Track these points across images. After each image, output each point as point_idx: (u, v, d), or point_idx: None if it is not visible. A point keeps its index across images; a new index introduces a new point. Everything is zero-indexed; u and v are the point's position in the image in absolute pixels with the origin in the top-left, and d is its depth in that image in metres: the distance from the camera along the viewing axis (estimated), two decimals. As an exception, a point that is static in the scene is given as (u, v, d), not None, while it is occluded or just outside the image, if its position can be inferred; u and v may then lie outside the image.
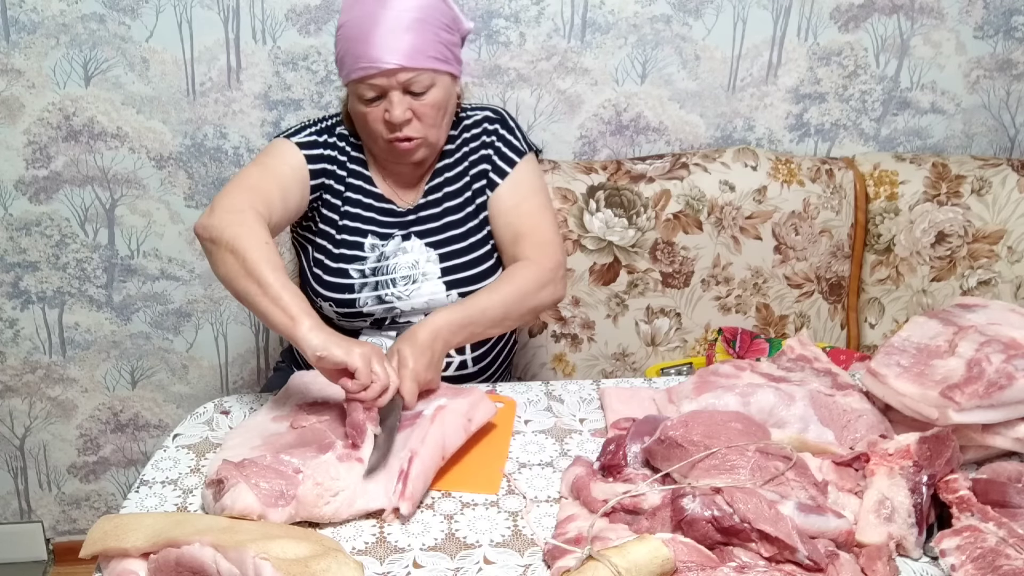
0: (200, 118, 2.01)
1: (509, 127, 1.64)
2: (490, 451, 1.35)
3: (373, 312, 1.59)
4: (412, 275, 1.58)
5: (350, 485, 1.20)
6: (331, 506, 1.18)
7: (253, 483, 1.17)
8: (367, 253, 1.59)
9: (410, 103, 1.48)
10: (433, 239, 1.60)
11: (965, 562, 1.08)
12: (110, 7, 1.90)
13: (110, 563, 1.08)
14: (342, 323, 1.62)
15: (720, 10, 2.02)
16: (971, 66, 2.12)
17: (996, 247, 2.08)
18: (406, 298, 1.58)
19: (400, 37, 1.43)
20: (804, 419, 1.28)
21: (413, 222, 1.61)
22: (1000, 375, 1.22)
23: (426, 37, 1.45)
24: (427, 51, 1.46)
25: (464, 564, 1.13)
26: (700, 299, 2.07)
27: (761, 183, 2.02)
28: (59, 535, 2.39)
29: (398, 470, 1.22)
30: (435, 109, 1.50)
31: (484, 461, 1.32)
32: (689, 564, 1.05)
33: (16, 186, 2.03)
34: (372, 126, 1.51)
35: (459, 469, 1.30)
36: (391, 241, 1.59)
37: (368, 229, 1.59)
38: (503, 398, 1.47)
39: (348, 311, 1.59)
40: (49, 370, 2.20)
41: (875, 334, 2.14)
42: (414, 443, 1.24)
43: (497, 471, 1.30)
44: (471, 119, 1.64)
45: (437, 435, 1.27)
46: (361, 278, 1.57)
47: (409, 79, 1.46)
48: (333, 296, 1.58)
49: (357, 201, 1.60)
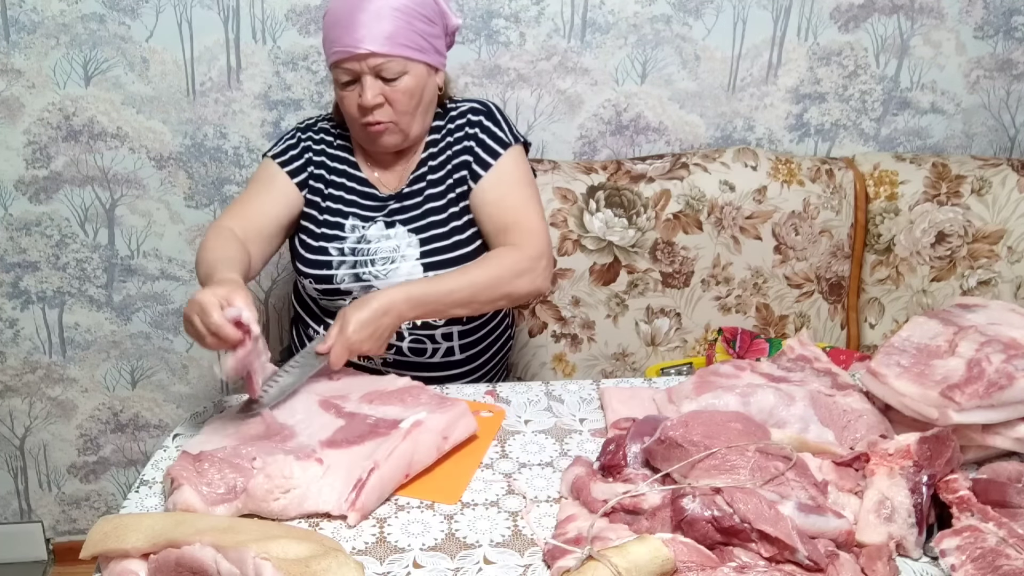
0: (200, 118, 2.01)
1: (495, 119, 1.65)
2: (463, 461, 1.32)
3: (351, 290, 1.62)
4: (391, 256, 1.62)
5: (302, 484, 1.20)
6: (280, 503, 1.19)
7: (202, 482, 1.18)
8: (347, 233, 1.63)
9: (382, 88, 1.53)
10: (415, 225, 1.63)
11: (965, 562, 1.08)
12: (110, 7, 1.90)
13: (110, 564, 1.08)
14: (322, 300, 1.67)
15: (720, 10, 2.02)
16: (971, 66, 2.12)
17: (996, 247, 2.08)
18: (383, 277, 1.61)
19: (374, 24, 1.50)
20: (804, 419, 1.28)
21: (396, 209, 1.64)
22: (1000, 375, 1.22)
23: (399, 25, 1.51)
24: (399, 39, 1.51)
25: (464, 564, 1.13)
26: (700, 299, 2.07)
27: (761, 183, 2.02)
28: (59, 535, 2.39)
29: (356, 478, 1.21)
30: (406, 96, 1.55)
31: (452, 471, 1.30)
32: (689, 564, 1.05)
33: (16, 186, 2.03)
34: (348, 109, 1.58)
35: (424, 475, 1.28)
36: (373, 226, 1.63)
37: (349, 211, 1.65)
38: (494, 407, 1.46)
39: (326, 287, 1.63)
40: (49, 370, 2.20)
41: (875, 334, 2.14)
42: (380, 455, 1.22)
43: (462, 483, 1.27)
44: (457, 110, 1.67)
45: (406, 452, 1.25)
46: (340, 256, 1.62)
47: (379, 64, 1.51)
48: (312, 272, 1.63)
49: (341, 184, 1.66)
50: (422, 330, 1.64)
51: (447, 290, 1.49)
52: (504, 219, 1.59)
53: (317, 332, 1.70)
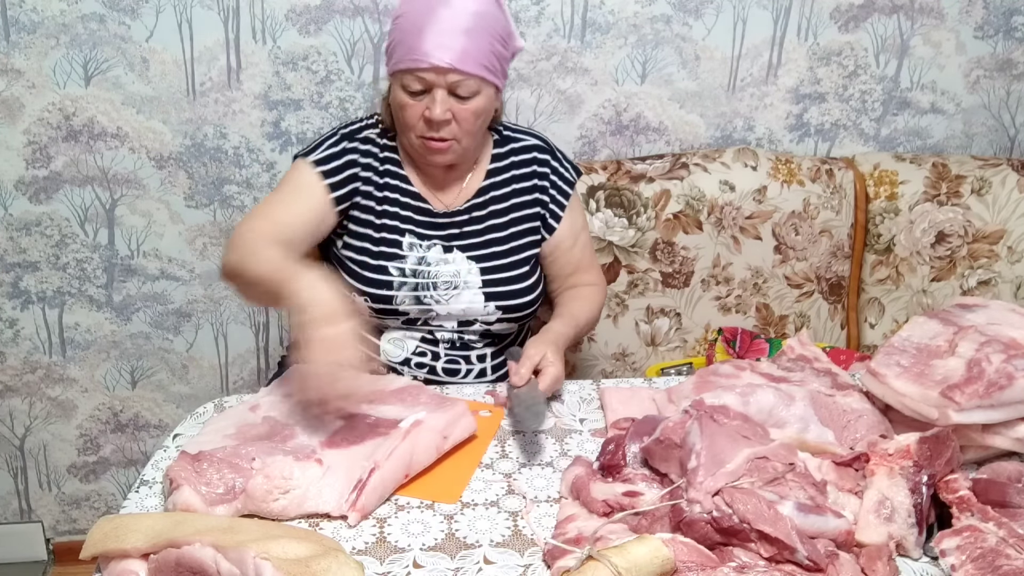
0: (200, 118, 2.01)
1: (558, 157, 1.69)
2: (462, 460, 1.32)
3: (409, 312, 1.59)
4: (454, 282, 1.59)
5: (302, 485, 1.20)
6: (279, 503, 1.19)
7: (201, 482, 1.18)
8: (406, 252, 1.59)
9: (452, 105, 1.48)
10: (475, 253, 1.61)
11: (965, 562, 1.08)
12: (110, 7, 1.90)
13: (110, 564, 1.08)
14: (374, 318, 1.62)
15: (720, 10, 2.02)
16: (971, 66, 2.12)
17: (996, 247, 2.08)
18: (444, 303, 1.59)
19: (456, 38, 1.44)
20: (804, 419, 1.28)
21: (456, 235, 1.62)
22: (1000, 375, 1.22)
23: (481, 44, 1.46)
24: (479, 58, 1.46)
25: (464, 564, 1.13)
26: (700, 299, 2.07)
27: (761, 183, 2.02)
28: (59, 535, 2.39)
29: (356, 479, 1.21)
30: (475, 116, 1.50)
31: (452, 470, 1.30)
32: (689, 564, 1.05)
33: (16, 186, 2.03)
34: (409, 120, 1.51)
35: (424, 475, 1.28)
36: (433, 249, 1.60)
37: (406, 228, 1.60)
38: (492, 407, 1.46)
39: (384, 307, 1.59)
40: (49, 370, 2.20)
41: (875, 334, 2.14)
42: (380, 455, 1.23)
43: (462, 482, 1.28)
44: (520, 143, 1.67)
45: (405, 452, 1.25)
46: (400, 276, 1.58)
47: (457, 81, 1.46)
48: (371, 291, 1.58)
49: (395, 200, 1.61)
50: (459, 351, 1.64)
51: (577, 329, 1.60)
52: (580, 262, 1.72)
53: None
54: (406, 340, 1.62)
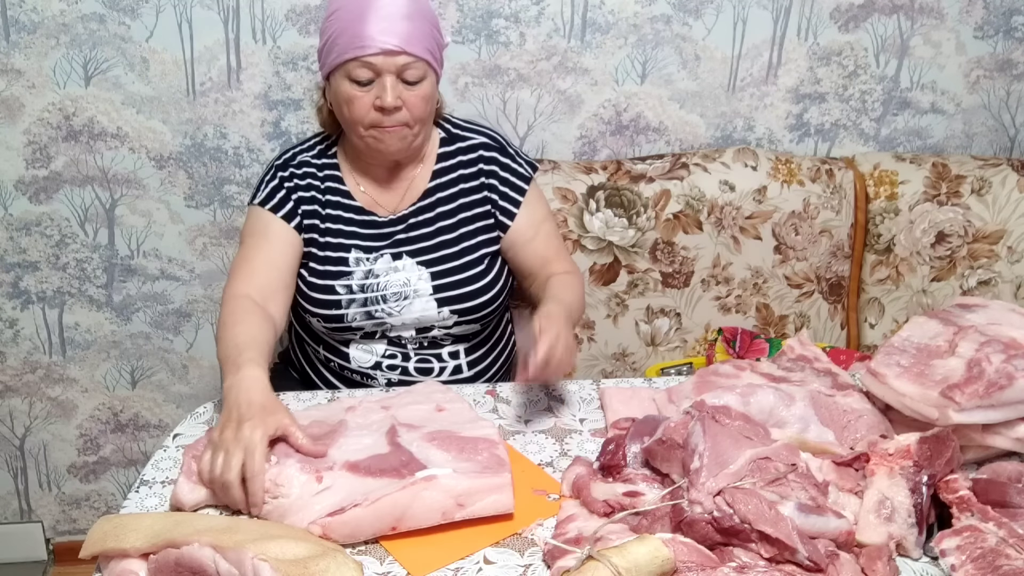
0: (200, 118, 2.01)
1: (508, 153, 1.66)
2: (471, 539, 1.16)
3: (362, 327, 1.59)
4: (404, 291, 1.59)
5: (292, 496, 1.17)
6: (265, 508, 1.18)
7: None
8: (352, 267, 1.59)
9: (401, 91, 1.48)
10: (425, 257, 1.60)
11: (965, 562, 1.08)
12: (110, 7, 1.90)
13: (110, 563, 1.08)
14: (332, 337, 1.63)
15: (720, 10, 2.02)
16: (971, 66, 2.12)
17: (996, 247, 2.08)
18: (396, 314, 1.59)
19: (398, 22, 1.46)
20: (804, 419, 1.28)
21: (403, 240, 1.61)
22: (1000, 375, 1.22)
23: (423, 28, 1.48)
24: (423, 41, 1.48)
25: (464, 564, 1.13)
26: (700, 299, 2.07)
27: (761, 183, 2.02)
28: (59, 535, 2.39)
29: (340, 506, 1.15)
30: (424, 101, 1.51)
31: (447, 542, 1.15)
32: (689, 564, 1.05)
33: (16, 186, 2.03)
34: (358, 112, 1.50)
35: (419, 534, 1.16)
36: (381, 260, 1.59)
37: (351, 243, 1.60)
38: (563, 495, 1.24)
39: (336, 326, 1.59)
40: (49, 370, 2.20)
41: (875, 334, 2.14)
42: (373, 495, 1.14)
43: (440, 559, 1.13)
44: (467, 142, 1.65)
45: (399, 502, 1.14)
46: (348, 294, 1.58)
47: (406, 64, 1.47)
48: (320, 312, 1.58)
49: (338, 217, 1.61)
50: (428, 350, 1.63)
51: (566, 312, 1.46)
52: (546, 252, 1.67)
53: (315, 348, 1.68)
54: (373, 345, 1.62)
